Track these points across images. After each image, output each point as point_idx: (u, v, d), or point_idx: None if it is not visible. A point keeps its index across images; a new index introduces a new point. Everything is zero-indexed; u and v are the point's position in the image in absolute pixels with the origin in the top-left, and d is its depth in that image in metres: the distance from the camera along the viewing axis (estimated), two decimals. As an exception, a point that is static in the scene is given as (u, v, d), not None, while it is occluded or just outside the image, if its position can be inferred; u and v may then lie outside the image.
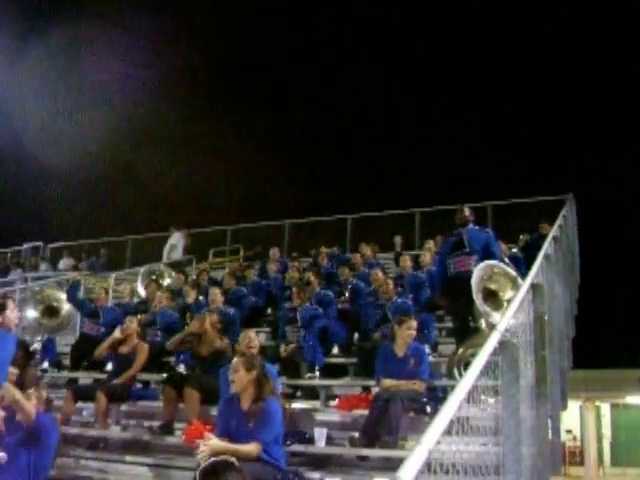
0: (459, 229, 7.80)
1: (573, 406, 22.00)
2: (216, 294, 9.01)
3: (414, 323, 6.45)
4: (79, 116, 26.58)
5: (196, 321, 7.42)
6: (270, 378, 5.21)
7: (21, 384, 6.06)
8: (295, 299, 8.54)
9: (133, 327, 7.78)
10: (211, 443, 4.56)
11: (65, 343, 10.36)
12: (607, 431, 26.10)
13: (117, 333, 7.73)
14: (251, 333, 6.59)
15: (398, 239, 14.21)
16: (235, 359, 5.11)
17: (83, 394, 7.44)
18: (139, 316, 9.72)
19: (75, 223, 25.75)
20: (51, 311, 9.97)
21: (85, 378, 8.93)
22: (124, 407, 7.57)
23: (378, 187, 27.84)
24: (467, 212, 7.91)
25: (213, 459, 4.50)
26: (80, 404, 7.52)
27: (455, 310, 7.78)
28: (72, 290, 10.19)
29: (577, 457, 24.48)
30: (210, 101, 30.01)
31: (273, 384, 5.33)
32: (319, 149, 30.33)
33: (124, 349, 7.71)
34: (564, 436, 20.77)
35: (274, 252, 13.48)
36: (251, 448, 4.68)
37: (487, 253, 7.51)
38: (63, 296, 10.19)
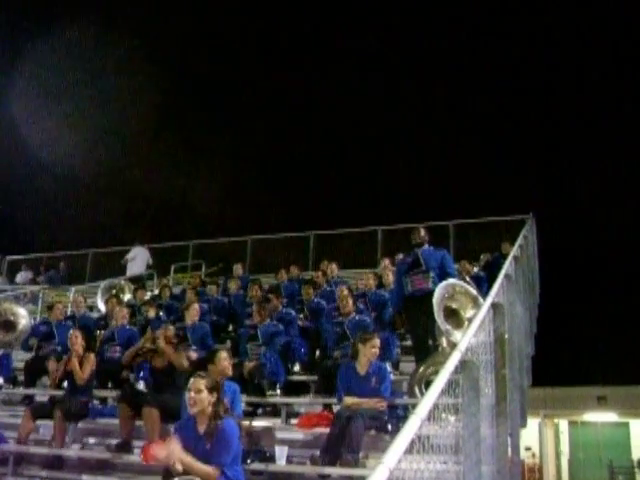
0: (415, 250, 7.89)
1: (532, 423, 22.23)
2: (195, 309, 8.91)
3: (378, 341, 6.45)
4: (39, 130, 26.19)
5: (147, 337, 7.43)
6: (223, 399, 5.17)
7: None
8: (255, 316, 8.49)
9: (78, 341, 7.61)
10: (176, 451, 4.51)
11: (21, 359, 10.14)
12: (565, 448, 26.37)
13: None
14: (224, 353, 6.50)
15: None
16: (195, 379, 4.92)
17: (41, 412, 7.25)
18: (98, 332, 9.60)
19: (34, 235, 25.33)
20: (7, 325, 9.75)
21: (41, 395, 8.73)
22: (82, 425, 7.41)
23: (341, 204, 27.99)
24: (422, 233, 8.01)
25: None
26: (36, 422, 7.34)
27: (413, 329, 7.82)
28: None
29: (536, 474, 24.69)
30: (175, 117, 29.93)
31: (229, 402, 5.29)
32: (283, 166, 30.41)
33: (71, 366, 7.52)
34: (523, 453, 20.93)
35: (237, 268, 13.37)
36: (210, 470, 4.62)
37: (443, 271, 7.61)
38: (20, 310, 9.98)
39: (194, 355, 7.96)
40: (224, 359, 6.22)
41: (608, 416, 25.58)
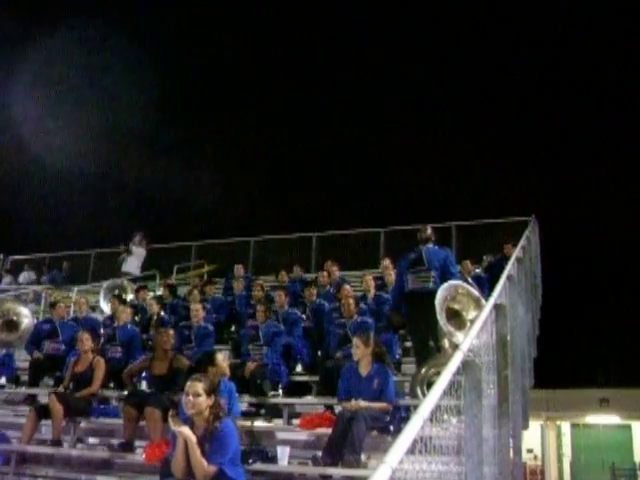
0: (419, 246, 7.89)
1: (534, 425, 22.21)
2: (198, 309, 8.93)
3: (357, 341, 6.41)
4: (41, 130, 26.18)
5: (139, 363, 7.66)
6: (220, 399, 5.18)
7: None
8: (260, 316, 8.48)
9: (87, 344, 7.63)
10: (186, 433, 4.62)
11: (24, 358, 10.14)
12: (567, 450, 26.32)
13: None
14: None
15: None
16: (193, 382, 4.85)
17: (46, 413, 7.22)
18: (102, 331, 9.60)
19: (37, 235, 25.34)
20: (10, 325, 9.76)
21: (44, 395, 8.73)
22: (84, 424, 7.42)
23: (343, 206, 27.99)
24: (429, 231, 8.00)
25: None
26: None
27: (413, 330, 7.82)
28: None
29: (538, 476, 24.65)
30: (177, 117, 29.96)
31: (227, 402, 5.31)
32: (286, 167, 30.43)
33: (80, 367, 7.59)
34: (525, 455, 20.87)
35: (238, 268, 13.37)
36: (206, 464, 4.61)
37: (445, 271, 7.60)
38: (23, 310, 9.99)
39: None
40: (223, 360, 6.34)
41: (610, 418, 25.53)
